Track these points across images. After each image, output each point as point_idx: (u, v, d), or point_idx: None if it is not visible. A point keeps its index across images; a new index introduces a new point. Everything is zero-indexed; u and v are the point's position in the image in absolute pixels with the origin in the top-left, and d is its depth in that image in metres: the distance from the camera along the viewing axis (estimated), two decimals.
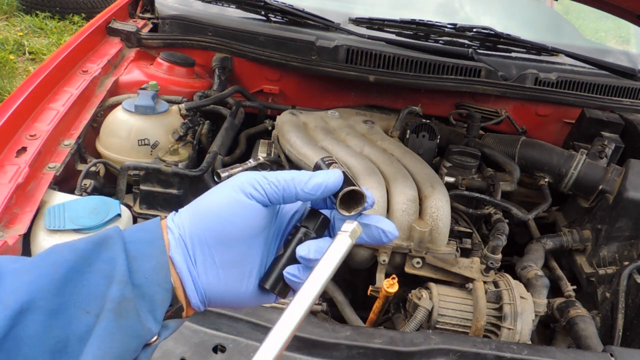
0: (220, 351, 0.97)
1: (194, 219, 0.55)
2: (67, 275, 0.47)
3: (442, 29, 2.05)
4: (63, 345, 0.45)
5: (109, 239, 0.51)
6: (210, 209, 0.55)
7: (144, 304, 0.50)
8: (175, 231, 0.55)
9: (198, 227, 0.55)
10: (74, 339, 0.46)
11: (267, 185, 0.55)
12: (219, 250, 0.55)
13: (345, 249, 0.56)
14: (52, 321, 0.45)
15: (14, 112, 1.39)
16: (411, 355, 1.02)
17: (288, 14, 1.99)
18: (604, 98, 1.99)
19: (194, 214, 0.56)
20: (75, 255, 0.49)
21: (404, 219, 1.39)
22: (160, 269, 0.52)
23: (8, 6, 5.29)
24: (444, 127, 1.92)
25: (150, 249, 0.53)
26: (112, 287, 0.49)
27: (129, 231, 0.54)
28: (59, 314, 0.46)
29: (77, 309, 0.47)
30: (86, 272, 0.48)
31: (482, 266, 1.37)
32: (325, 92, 2.00)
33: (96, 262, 0.49)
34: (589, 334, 1.36)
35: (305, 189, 0.56)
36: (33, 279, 0.46)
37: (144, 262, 0.51)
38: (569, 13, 3.26)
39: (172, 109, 1.68)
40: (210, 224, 0.54)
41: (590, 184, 1.65)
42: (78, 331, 0.46)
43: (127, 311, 0.49)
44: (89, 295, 0.48)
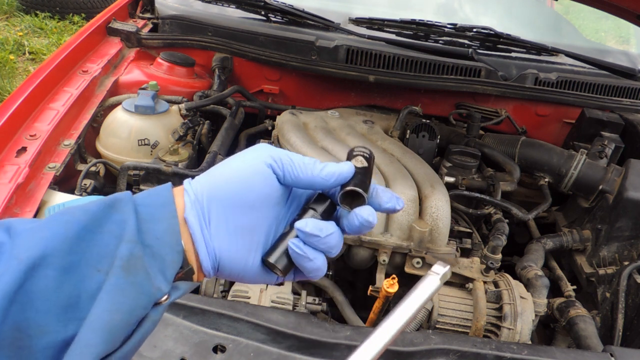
0: (220, 351, 0.97)
1: (213, 181, 0.57)
2: (78, 234, 0.48)
3: (442, 29, 2.05)
4: (75, 301, 0.46)
5: (119, 201, 0.52)
6: (233, 173, 0.57)
7: (154, 264, 0.51)
8: (192, 193, 0.56)
9: (217, 189, 0.56)
10: (85, 296, 0.47)
11: (288, 163, 0.58)
12: (234, 214, 0.56)
13: (433, 288, 0.60)
14: (64, 277, 0.46)
15: (14, 112, 1.39)
16: (411, 355, 1.02)
17: (288, 14, 1.99)
18: (604, 98, 1.99)
19: (214, 177, 0.57)
20: (87, 216, 0.50)
21: (404, 219, 1.39)
22: (171, 232, 0.53)
23: (8, 6, 5.29)
24: (444, 127, 1.92)
25: (161, 212, 0.54)
26: (122, 246, 0.50)
27: (140, 195, 0.55)
28: (70, 271, 0.47)
29: (88, 267, 0.48)
30: (97, 232, 0.50)
31: (482, 266, 1.37)
32: (325, 92, 2.00)
33: (107, 223, 0.50)
34: (589, 334, 1.36)
35: (320, 174, 0.58)
36: (46, 235, 0.47)
37: (155, 224, 0.52)
38: (569, 13, 3.27)
39: (172, 109, 1.69)
40: (230, 186, 0.56)
41: (590, 184, 1.65)
42: (89, 288, 0.47)
43: (135, 268, 0.49)
44: (99, 254, 0.49)
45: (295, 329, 1.02)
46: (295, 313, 1.09)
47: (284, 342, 1.00)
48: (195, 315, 1.02)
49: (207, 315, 1.02)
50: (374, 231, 1.38)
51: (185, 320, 1.00)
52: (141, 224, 0.52)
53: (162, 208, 0.54)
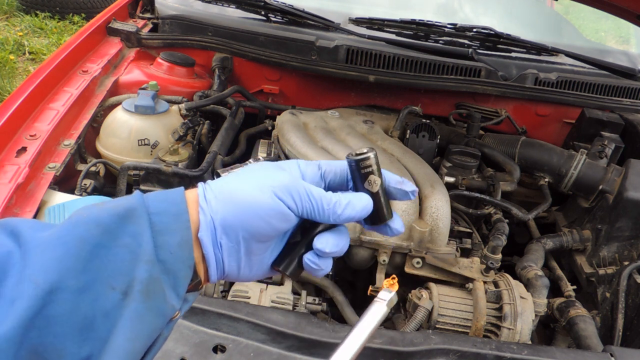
0: (220, 351, 0.97)
1: (230, 208, 0.55)
2: (93, 252, 0.47)
3: (442, 29, 2.05)
4: (90, 321, 0.46)
5: (133, 212, 0.51)
6: (250, 206, 0.55)
7: (167, 280, 0.51)
8: (207, 213, 0.55)
9: (233, 218, 0.55)
10: (100, 315, 0.46)
11: (307, 204, 0.57)
12: (248, 243, 0.57)
13: (380, 316, 0.60)
14: (79, 299, 0.46)
15: (14, 112, 1.39)
16: (411, 355, 1.02)
17: (288, 14, 1.99)
18: (604, 98, 1.99)
19: (231, 202, 0.56)
20: (100, 229, 0.49)
21: (404, 219, 1.39)
22: (184, 245, 0.52)
23: (8, 6, 5.29)
24: (444, 127, 1.92)
25: (175, 223, 0.53)
26: (140, 267, 0.49)
27: (153, 200, 0.53)
28: (85, 291, 0.46)
29: (102, 285, 0.47)
30: (112, 247, 0.48)
31: (482, 266, 1.37)
32: (325, 92, 2.00)
33: (122, 236, 0.49)
34: (589, 334, 1.36)
35: (337, 220, 0.59)
36: (60, 255, 0.46)
37: (169, 237, 0.52)
38: (569, 13, 3.26)
39: (172, 109, 1.68)
40: (247, 220, 0.55)
41: (590, 184, 1.65)
42: (104, 307, 0.47)
43: (155, 292, 0.49)
44: (114, 271, 0.48)
45: (295, 329, 1.02)
46: (295, 313, 1.09)
47: (284, 342, 1.00)
48: (195, 315, 1.02)
49: (207, 315, 1.02)
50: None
51: (185, 320, 1.00)
52: (155, 236, 0.51)
53: (175, 219, 0.53)
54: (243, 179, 0.58)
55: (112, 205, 0.51)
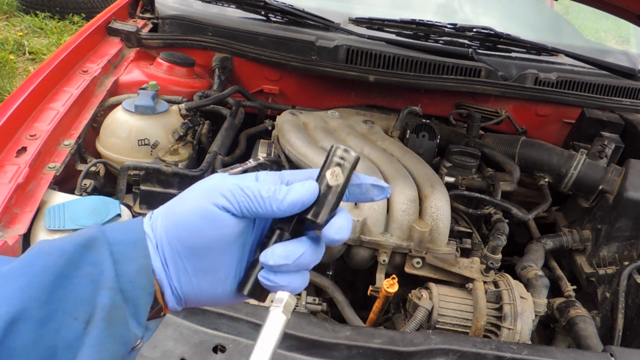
0: (220, 351, 0.97)
1: (166, 226, 0.54)
2: (55, 282, 0.47)
3: (442, 29, 2.05)
4: (52, 352, 0.45)
5: (94, 241, 0.51)
6: (180, 219, 0.53)
7: (128, 309, 0.50)
8: (152, 238, 0.54)
9: (169, 235, 0.53)
10: (63, 346, 0.46)
11: (242, 198, 0.53)
12: (191, 259, 0.54)
13: (280, 326, 0.52)
14: (42, 330, 0.45)
15: (14, 112, 1.39)
16: (411, 355, 1.02)
17: (288, 14, 1.99)
18: (604, 98, 1.99)
19: (167, 220, 0.54)
20: (63, 259, 0.48)
21: (404, 219, 1.39)
22: (144, 273, 0.52)
23: (8, 6, 5.29)
24: (444, 127, 1.92)
25: (133, 251, 0.52)
26: (102, 294, 0.48)
27: (112, 231, 0.53)
28: (48, 322, 0.46)
29: (65, 315, 0.47)
30: (73, 277, 0.48)
31: (482, 266, 1.37)
32: (325, 92, 2.00)
33: (83, 266, 0.49)
34: (589, 334, 1.36)
35: (281, 207, 0.53)
36: (23, 286, 0.46)
37: (128, 265, 0.51)
38: (569, 13, 3.27)
39: (172, 109, 1.68)
40: (180, 233, 0.53)
41: (590, 184, 1.65)
42: (67, 338, 0.46)
43: (117, 319, 0.49)
44: (76, 301, 0.48)
45: (295, 329, 1.02)
46: (295, 313, 1.09)
47: (284, 342, 1.00)
48: (195, 315, 1.02)
49: (207, 315, 1.02)
50: (374, 231, 1.38)
51: (185, 320, 1.00)
52: (116, 265, 0.50)
53: (133, 247, 0.52)
54: (183, 193, 0.56)
55: (74, 236, 0.51)
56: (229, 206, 0.53)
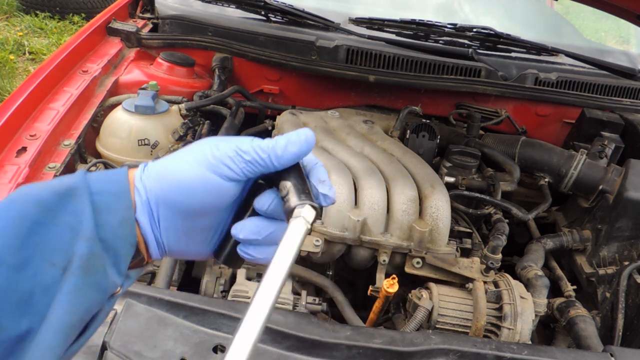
0: (220, 351, 0.97)
1: (162, 186, 0.54)
2: (31, 228, 0.47)
3: (442, 29, 2.05)
4: (28, 297, 0.45)
5: (75, 190, 0.51)
6: (180, 183, 0.54)
7: (108, 258, 0.51)
8: (143, 193, 0.54)
9: (165, 196, 0.54)
10: (39, 290, 0.46)
11: (243, 164, 0.54)
12: (185, 221, 0.55)
13: (302, 234, 0.52)
14: (17, 275, 0.45)
15: (14, 112, 1.39)
16: (411, 355, 1.02)
17: (288, 14, 1.99)
18: (604, 98, 1.99)
19: (163, 180, 0.54)
20: (40, 207, 0.48)
21: (404, 219, 1.39)
22: (125, 224, 0.52)
23: (8, 6, 5.29)
24: (444, 127, 1.92)
25: (116, 203, 0.52)
26: (80, 243, 0.49)
27: (95, 181, 0.53)
28: (24, 268, 0.46)
29: (42, 261, 0.47)
30: (51, 225, 0.48)
31: (482, 266, 1.37)
32: (325, 92, 2.00)
33: (62, 214, 0.49)
34: (589, 334, 1.36)
35: (281, 160, 0.55)
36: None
37: (110, 216, 0.51)
38: (569, 13, 3.27)
39: (172, 109, 1.68)
40: (178, 197, 0.54)
41: (590, 184, 1.65)
42: (43, 283, 0.46)
43: (95, 267, 0.49)
44: (54, 248, 0.48)
45: (295, 329, 1.02)
46: (295, 313, 1.09)
47: (284, 342, 1.00)
48: (195, 315, 1.02)
49: (207, 315, 1.02)
50: (374, 231, 1.38)
51: (185, 320, 1.00)
52: (96, 215, 0.50)
53: (116, 198, 0.53)
54: (179, 155, 0.56)
55: (53, 184, 0.51)
56: (232, 175, 0.54)
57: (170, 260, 1.34)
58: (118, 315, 0.95)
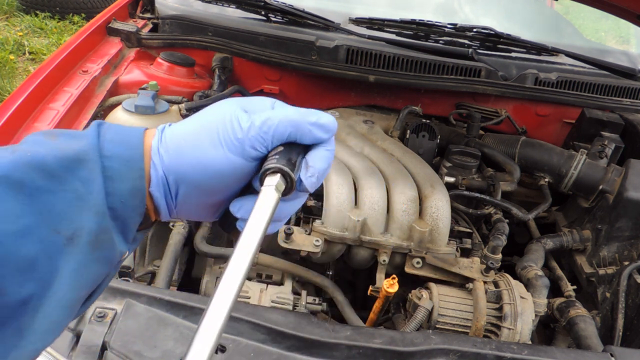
0: (220, 351, 0.97)
1: (183, 165, 0.52)
2: (34, 195, 0.45)
3: (442, 29, 2.05)
4: (31, 262, 0.44)
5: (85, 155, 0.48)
6: (202, 165, 0.52)
7: (116, 227, 0.49)
8: (160, 168, 0.52)
9: (185, 175, 0.53)
10: (42, 257, 0.45)
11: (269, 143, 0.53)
12: (202, 197, 0.55)
13: (273, 202, 0.51)
14: (19, 241, 0.43)
15: (14, 112, 1.39)
16: (411, 355, 1.02)
17: (288, 14, 1.99)
18: (604, 98, 1.99)
19: (184, 159, 0.52)
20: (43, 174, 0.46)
21: (404, 219, 1.39)
22: (136, 194, 0.50)
23: (8, 6, 5.29)
24: (444, 127, 1.92)
25: (128, 171, 0.50)
26: (89, 217, 0.47)
27: (110, 142, 0.50)
28: (25, 235, 0.44)
29: (45, 228, 0.45)
30: (57, 191, 0.46)
31: (482, 266, 1.37)
32: (325, 92, 2.00)
33: (70, 181, 0.47)
34: (589, 334, 1.36)
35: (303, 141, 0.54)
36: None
37: (121, 184, 0.49)
38: (569, 13, 3.27)
39: (172, 109, 1.68)
40: (199, 178, 0.53)
41: (590, 184, 1.65)
42: (47, 250, 0.45)
43: (103, 242, 0.48)
44: (59, 215, 0.46)
45: (295, 329, 1.02)
46: (295, 313, 1.09)
47: (284, 342, 1.00)
48: (195, 316, 1.01)
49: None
50: (374, 231, 1.38)
51: (185, 320, 1.00)
52: (107, 182, 0.48)
53: (129, 165, 0.50)
54: (199, 128, 0.53)
55: (62, 146, 0.48)
56: (257, 155, 0.53)
57: (170, 261, 1.34)
58: (118, 315, 0.95)
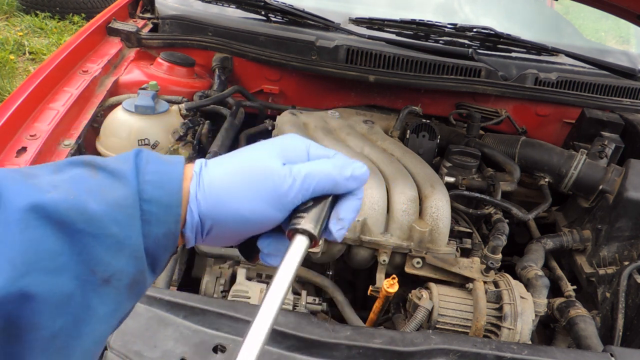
0: (220, 351, 0.97)
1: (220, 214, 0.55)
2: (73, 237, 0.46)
3: (442, 29, 2.05)
4: (66, 299, 0.45)
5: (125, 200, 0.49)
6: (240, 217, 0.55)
7: (147, 263, 0.51)
8: (196, 214, 0.54)
9: (220, 223, 0.55)
10: (78, 294, 0.46)
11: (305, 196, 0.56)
12: (233, 236, 0.58)
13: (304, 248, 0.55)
14: (56, 279, 0.44)
15: (14, 112, 1.39)
16: (411, 355, 1.02)
17: (288, 14, 1.99)
18: (604, 98, 1.99)
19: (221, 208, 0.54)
20: (85, 217, 0.46)
21: (404, 219, 1.39)
22: (170, 236, 0.53)
23: (8, 6, 5.29)
24: (444, 127, 1.92)
25: (166, 216, 0.52)
26: (127, 261, 0.48)
27: (149, 184, 0.51)
28: (63, 273, 0.45)
29: (83, 267, 0.46)
30: (97, 235, 0.47)
31: (482, 266, 1.37)
32: (325, 92, 2.00)
33: (109, 225, 0.48)
34: (589, 334, 1.36)
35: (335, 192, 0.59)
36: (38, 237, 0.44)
37: (157, 228, 0.51)
38: (569, 13, 3.27)
39: (172, 109, 1.68)
40: (234, 226, 0.56)
41: (590, 184, 1.65)
42: (82, 288, 0.46)
43: (139, 282, 0.51)
44: (96, 257, 0.47)
45: (295, 329, 1.02)
46: (295, 313, 1.09)
47: (284, 342, 1.00)
48: (195, 315, 1.02)
49: (207, 315, 1.02)
50: (374, 231, 1.38)
51: (185, 320, 1.00)
52: (144, 226, 0.50)
53: (167, 211, 0.52)
54: (238, 179, 0.55)
55: (103, 188, 0.49)
56: (292, 207, 0.57)
57: (171, 260, 1.33)
58: None
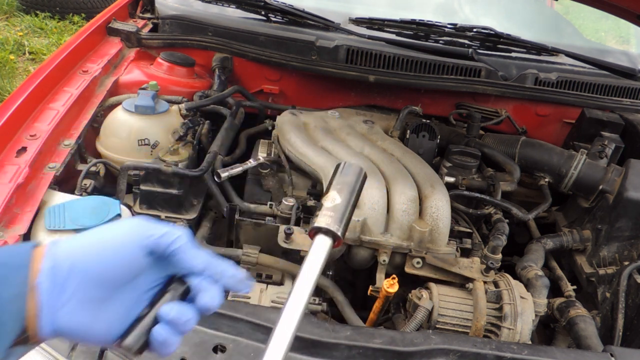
0: (220, 351, 0.97)
1: (83, 252, 0.55)
2: None
3: (442, 29, 2.05)
4: None
5: None
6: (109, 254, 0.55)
7: None
8: (51, 259, 0.54)
9: (86, 262, 0.54)
10: None
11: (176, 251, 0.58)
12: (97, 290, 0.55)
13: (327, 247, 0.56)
14: None
15: (14, 112, 1.39)
16: (411, 355, 1.02)
17: (288, 14, 1.99)
18: (604, 98, 1.99)
19: (85, 247, 0.56)
20: None
21: (404, 219, 1.39)
22: (17, 299, 0.52)
23: (8, 6, 5.29)
24: (444, 127, 1.92)
25: (14, 276, 0.52)
26: None
27: (2, 252, 0.54)
28: None
29: None
30: None
31: (482, 266, 1.37)
32: (325, 92, 2.00)
33: None
34: (589, 334, 1.36)
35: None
36: None
37: (4, 289, 0.51)
38: (569, 13, 3.26)
39: (172, 109, 1.68)
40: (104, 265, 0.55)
41: (590, 184, 1.65)
42: None
43: None
44: None
45: None
46: None
47: None
48: None
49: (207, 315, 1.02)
50: (374, 231, 1.38)
51: None
52: None
53: (16, 272, 0.52)
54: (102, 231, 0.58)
55: None
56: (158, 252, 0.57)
57: None
58: None
